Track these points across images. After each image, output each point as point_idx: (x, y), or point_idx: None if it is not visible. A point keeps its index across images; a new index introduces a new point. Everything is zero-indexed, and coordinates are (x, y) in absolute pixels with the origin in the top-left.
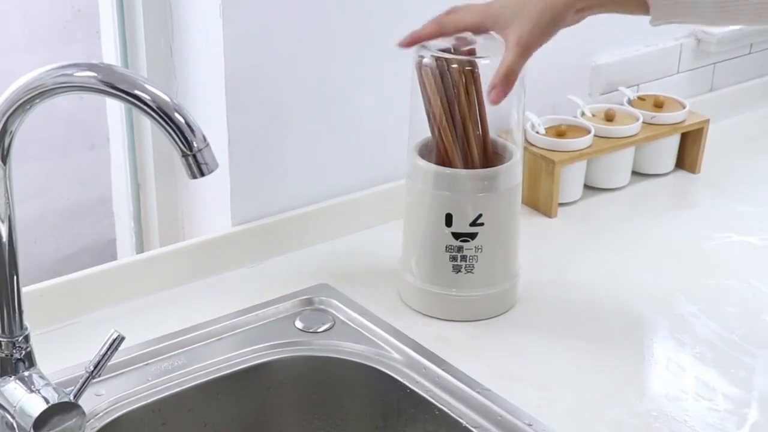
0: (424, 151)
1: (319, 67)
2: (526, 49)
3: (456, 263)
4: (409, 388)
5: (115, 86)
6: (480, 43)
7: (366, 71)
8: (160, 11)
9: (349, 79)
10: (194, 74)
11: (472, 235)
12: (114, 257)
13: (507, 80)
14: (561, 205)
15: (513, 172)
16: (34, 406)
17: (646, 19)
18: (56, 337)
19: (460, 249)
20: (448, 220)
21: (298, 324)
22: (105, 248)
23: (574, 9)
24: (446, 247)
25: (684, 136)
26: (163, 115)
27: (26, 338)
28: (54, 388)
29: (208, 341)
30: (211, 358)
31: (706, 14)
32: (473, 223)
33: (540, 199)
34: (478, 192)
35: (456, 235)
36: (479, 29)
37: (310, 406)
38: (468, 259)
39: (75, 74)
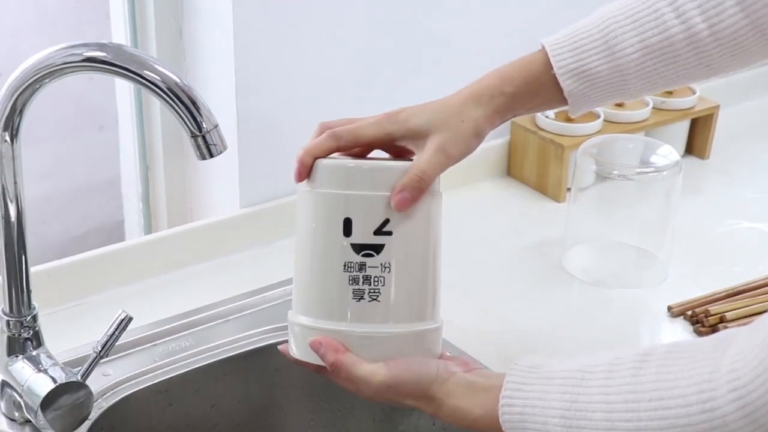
0: None
1: (329, 49)
2: (447, 159)
3: (357, 287)
4: None
5: (125, 66)
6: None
7: (374, 55)
8: None
9: (358, 62)
10: (204, 56)
11: (377, 248)
12: (122, 238)
13: (419, 186)
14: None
15: None
16: (42, 385)
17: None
18: (64, 317)
19: (362, 267)
20: (347, 227)
21: None
22: (113, 229)
23: (495, 123)
24: (345, 266)
25: (694, 122)
26: (172, 95)
27: (34, 318)
28: (61, 368)
29: (216, 322)
30: (219, 339)
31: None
32: (378, 232)
33: (549, 184)
34: (383, 189)
35: (357, 248)
36: (385, 142)
37: (316, 388)
38: (372, 281)
39: (84, 53)
